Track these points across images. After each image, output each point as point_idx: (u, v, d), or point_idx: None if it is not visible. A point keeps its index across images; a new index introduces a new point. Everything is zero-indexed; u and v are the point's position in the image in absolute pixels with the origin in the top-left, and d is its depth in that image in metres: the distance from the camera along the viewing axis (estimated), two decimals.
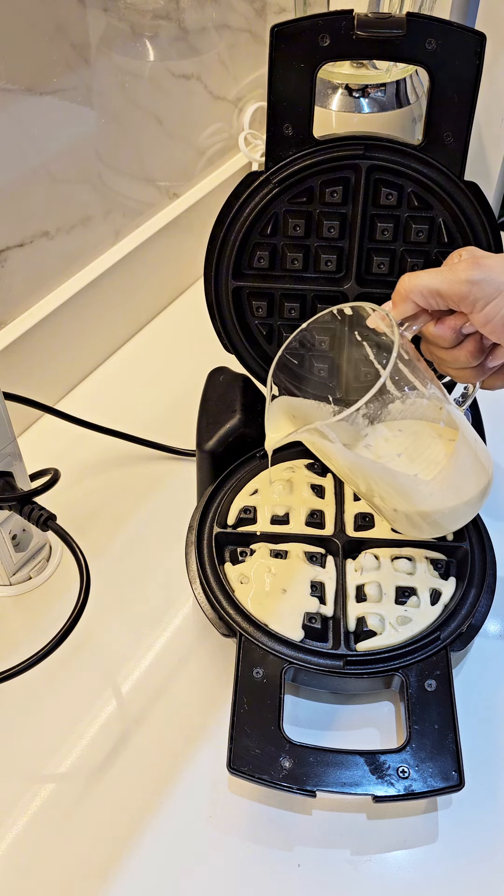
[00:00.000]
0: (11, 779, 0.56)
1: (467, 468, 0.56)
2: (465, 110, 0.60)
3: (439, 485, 0.55)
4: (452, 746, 0.53)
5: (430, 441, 0.57)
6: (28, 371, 0.78)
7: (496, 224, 0.63)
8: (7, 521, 0.63)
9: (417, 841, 0.53)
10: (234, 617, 0.59)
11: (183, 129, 0.91)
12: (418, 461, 0.56)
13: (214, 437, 0.68)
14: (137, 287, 0.90)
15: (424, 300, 0.53)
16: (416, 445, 0.57)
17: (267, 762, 0.52)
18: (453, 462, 0.56)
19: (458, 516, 0.58)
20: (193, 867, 0.52)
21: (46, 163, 0.74)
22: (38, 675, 0.56)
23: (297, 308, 0.67)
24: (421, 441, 0.57)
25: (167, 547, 0.69)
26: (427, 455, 0.57)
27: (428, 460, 0.56)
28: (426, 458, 0.56)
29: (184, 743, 0.57)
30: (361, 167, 0.62)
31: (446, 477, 0.55)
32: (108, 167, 0.82)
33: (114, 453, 0.78)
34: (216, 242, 0.65)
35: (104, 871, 0.51)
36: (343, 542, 0.63)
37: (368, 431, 0.57)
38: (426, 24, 0.57)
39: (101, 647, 0.63)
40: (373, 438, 0.57)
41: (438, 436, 0.57)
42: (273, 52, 0.59)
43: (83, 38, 0.73)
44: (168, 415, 0.81)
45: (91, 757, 0.57)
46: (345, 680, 0.57)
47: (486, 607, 0.60)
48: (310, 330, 0.60)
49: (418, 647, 0.57)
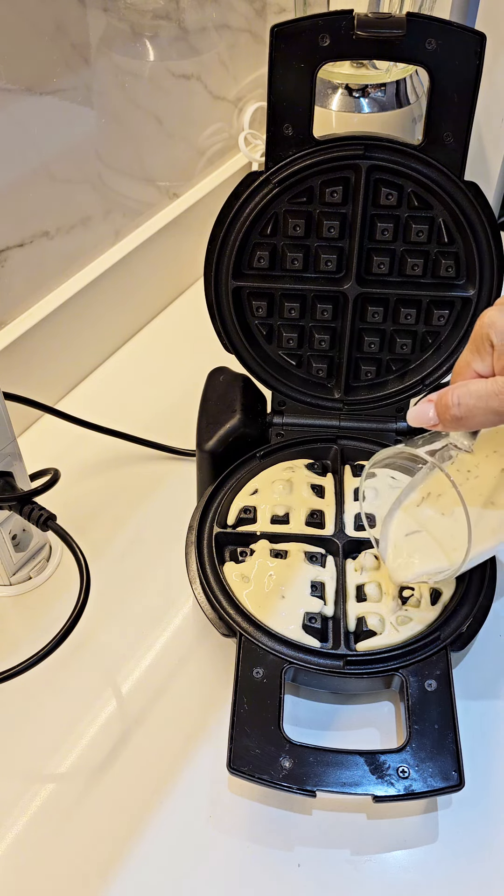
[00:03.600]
0: (11, 779, 0.56)
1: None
2: (465, 110, 0.60)
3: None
4: (452, 746, 0.53)
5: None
6: (28, 371, 0.78)
7: (496, 224, 0.63)
8: (7, 521, 0.63)
9: (417, 841, 0.53)
10: (234, 617, 0.58)
11: (183, 129, 0.91)
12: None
13: (214, 437, 0.68)
14: (137, 287, 0.90)
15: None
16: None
17: (267, 762, 0.52)
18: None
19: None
20: (193, 867, 0.52)
21: (46, 163, 0.74)
22: (38, 675, 0.56)
23: (297, 308, 0.67)
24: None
25: (167, 547, 0.69)
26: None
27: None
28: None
29: (184, 743, 0.57)
30: (361, 167, 0.62)
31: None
32: (108, 167, 0.82)
33: (114, 453, 0.78)
34: (216, 242, 0.65)
35: (104, 871, 0.51)
36: (343, 542, 0.63)
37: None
38: (426, 24, 0.57)
39: (101, 647, 0.63)
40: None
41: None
42: (273, 52, 0.59)
43: (83, 38, 0.73)
44: (168, 415, 0.81)
45: (91, 757, 0.57)
46: (345, 680, 0.57)
47: (486, 607, 0.60)
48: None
49: (418, 647, 0.57)
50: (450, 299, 0.66)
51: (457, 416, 0.47)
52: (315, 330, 0.69)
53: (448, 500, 0.54)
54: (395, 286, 0.66)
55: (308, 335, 0.69)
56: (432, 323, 0.67)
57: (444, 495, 0.54)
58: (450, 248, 0.64)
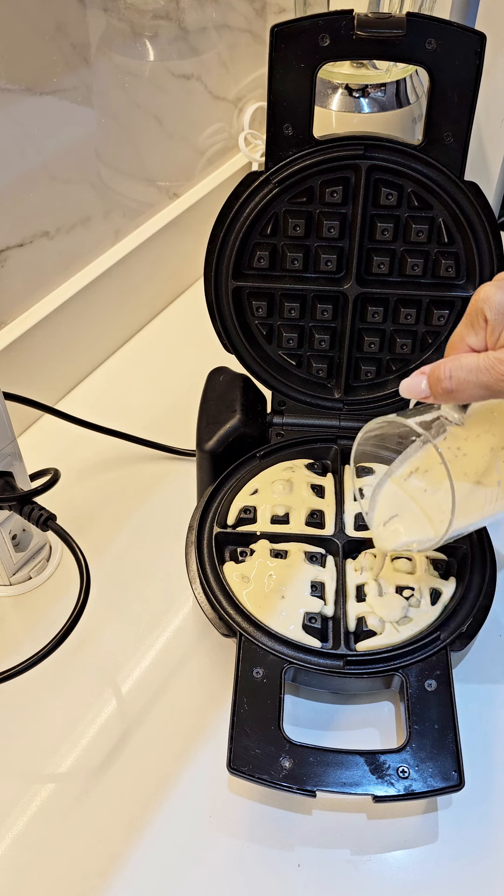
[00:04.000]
0: (11, 779, 0.56)
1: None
2: (465, 110, 0.60)
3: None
4: (452, 746, 0.53)
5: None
6: (28, 371, 0.78)
7: (496, 224, 0.63)
8: (7, 521, 0.63)
9: (417, 841, 0.53)
10: (234, 617, 0.58)
11: (183, 129, 0.91)
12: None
13: (214, 437, 0.68)
14: (137, 287, 0.90)
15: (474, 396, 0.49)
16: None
17: (267, 762, 0.52)
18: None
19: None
20: (193, 867, 0.52)
21: (46, 163, 0.74)
22: (38, 675, 0.56)
23: (297, 308, 0.67)
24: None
25: (167, 547, 0.69)
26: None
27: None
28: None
29: (184, 743, 0.57)
30: (361, 167, 0.62)
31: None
32: (108, 167, 0.82)
33: (114, 453, 0.78)
34: (216, 242, 0.65)
35: (104, 871, 0.51)
36: (343, 542, 0.63)
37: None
38: (426, 24, 0.57)
39: (101, 646, 0.63)
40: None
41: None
42: (273, 52, 0.59)
43: (83, 38, 0.73)
44: (168, 415, 0.81)
45: (91, 757, 0.57)
46: (345, 680, 0.57)
47: (486, 607, 0.60)
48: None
49: (418, 647, 0.57)
50: (450, 299, 0.66)
51: (448, 389, 0.48)
52: (315, 330, 0.69)
53: (437, 474, 0.55)
54: (395, 286, 0.66)
55: (308, 335, 0.69)
56: (432, 323, 0.67)
57: (434, 470, 0.55)
58: (450, 248, 0.64)
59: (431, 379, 0.49)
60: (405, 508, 0.56)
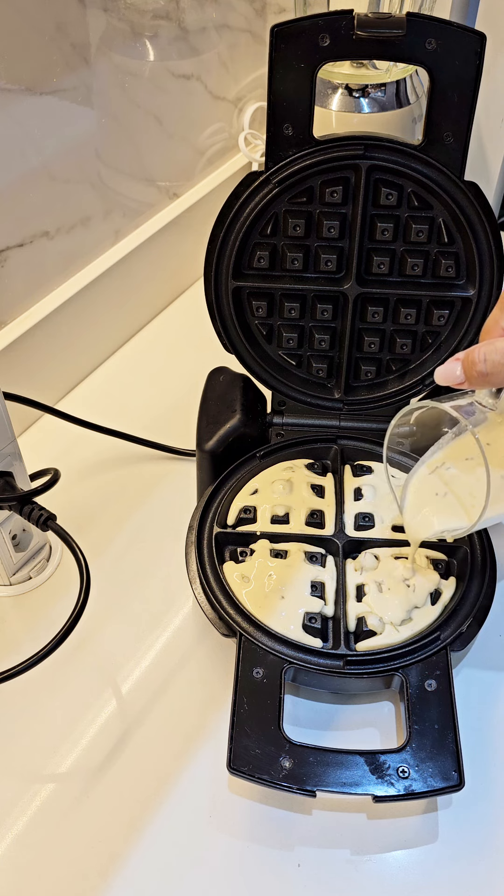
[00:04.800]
0: (11, 779, 0.56)
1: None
2: (465, 110, 0.60)
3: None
4: (452, 746, 0.53)
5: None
6: (28, 371, 0.78)
7: (496, 224, 0.63)
8: (7, 521, 0.63)
9: (417, 841, 0.53)
10: (234, 617, 0.58)
11: (183, 129, 0.91)
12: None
13: (214, 437, 0.68)
14: (137, 287, 0.90)
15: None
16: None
17: (267, 762, 0.52)
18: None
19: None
20: (193, 867, 0.52)
21: (46, 163, 0.74)
22: (38, 675, 0.56)
23: (297, 308, 0.67)
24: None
25: (167, 547, 0.69)
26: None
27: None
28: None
29: (184, 743, 0.57)
30: (361, 167, 0.62)
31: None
32: (108, 167, 0.82)
33: (114, 453, 0.78)
34: (216, 242, 0.65)
35: (104, 871, 0.51)
36: (343, 542, 0.63)
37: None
38: (426, 24, 0.57)
39: (101, 647, 0.63)
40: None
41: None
42: (273, 52, 0.59)
43: (83, 38, 0.73)
44: (168, 415, 0.81)
45: (91, 757, 0.57)
46: (345, 680, 0.57)
47: (486, 607, 0.60)
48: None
49: (418, 647, 0.57)
50: (450, 299, 0.66)
51: (483, 373, 0.49)
52: (315, 330, 0.69)
53: (471, 462, 0.55)
54: (395, 286, 0.66)
55: (308, 335, 0.69)
56: (432, 323, 0.67)
57: (468, 457, 0.56)
58: (450, 248, 0.64)
59: (466, 363, 0.50)
60: (437, 497, 0.57)
